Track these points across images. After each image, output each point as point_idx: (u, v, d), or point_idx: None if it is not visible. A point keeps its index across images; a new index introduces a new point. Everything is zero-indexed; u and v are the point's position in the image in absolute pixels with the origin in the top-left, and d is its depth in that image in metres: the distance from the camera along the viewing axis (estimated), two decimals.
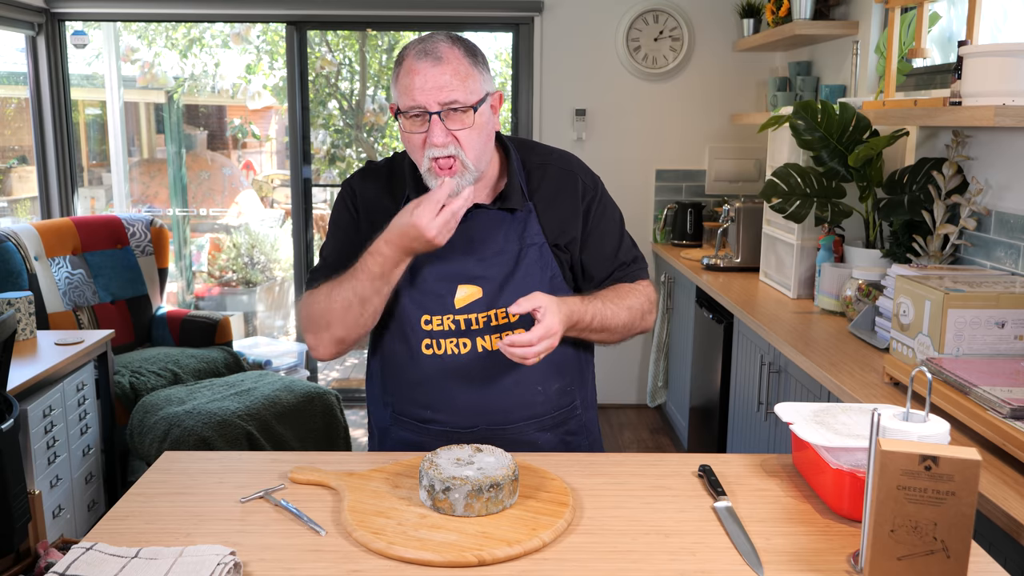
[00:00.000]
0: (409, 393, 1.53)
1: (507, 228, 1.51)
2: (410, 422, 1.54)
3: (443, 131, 1.39)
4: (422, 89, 1.38)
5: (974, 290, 1.79)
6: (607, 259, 1.59)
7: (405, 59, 1.42)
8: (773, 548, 1.14)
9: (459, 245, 1.48)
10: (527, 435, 1.53)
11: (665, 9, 4.14)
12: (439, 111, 1.38)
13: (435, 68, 1.39)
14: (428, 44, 1.41)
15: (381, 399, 1.60)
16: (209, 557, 1.05)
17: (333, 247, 1.57)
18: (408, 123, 1.41)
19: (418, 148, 1.43)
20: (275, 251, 5.54)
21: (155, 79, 5.21)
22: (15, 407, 1.17)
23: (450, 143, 1.40)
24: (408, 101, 1.40)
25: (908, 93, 2.76)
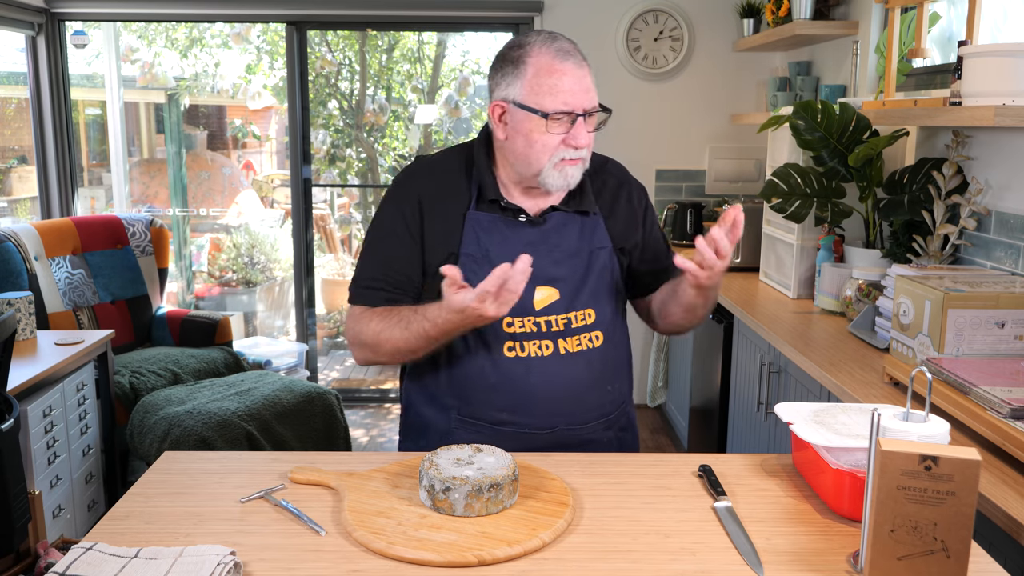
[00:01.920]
0: (485, 396, 1.50)
1: (579, 231, 1.53)
2: (483, 424, 1.52)
3: (585, 132, 1.43)
4: (572, 91, 1.41)
5: (974, 290, 1.79)
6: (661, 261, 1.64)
7: (540, 56, 1.42)
8: (773, 548, 1.14)
9: (536, 246, 1.49)
10: (597, 433, 1.55)
11: (665, 9, 4.14)
12: (585, 115, 1.42)
13: (580, 70, 1.43)
14: (562, 43, 1.44)
15: (442, 401, 1.55)
16: (209, 557, 1.05)
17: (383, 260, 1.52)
18: (552, 124, 1.42)
19: (549, 148, 1.43)
20: (275, 251, 5.54)
21: (155, 79, 5.21)
22: (15, 407, 1.17)
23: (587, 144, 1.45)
24: (558, 103, 1.41)
25: (908, 93, 2.76)
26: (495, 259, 1.45)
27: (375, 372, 5.28)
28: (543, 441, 1.51)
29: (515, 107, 1.44)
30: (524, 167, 1.47)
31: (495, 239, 1.49)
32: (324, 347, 5.56)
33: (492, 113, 1.49)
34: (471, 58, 5.33)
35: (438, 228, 1.50)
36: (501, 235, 1.50)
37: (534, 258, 1.47)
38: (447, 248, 1.50)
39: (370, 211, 5.67)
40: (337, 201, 5.99)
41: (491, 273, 1.28)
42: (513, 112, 1.45)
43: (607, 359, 1.54)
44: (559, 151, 1.43)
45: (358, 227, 5.89)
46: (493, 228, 1.50)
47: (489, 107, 1.50)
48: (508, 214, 1.51)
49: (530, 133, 1.43)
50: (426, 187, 1.53)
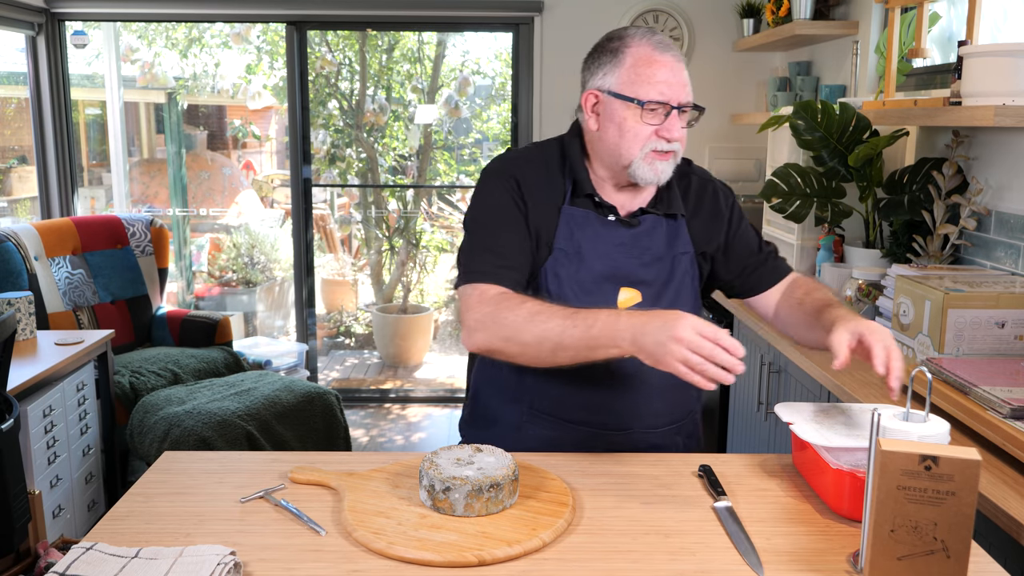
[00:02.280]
0: (563, 393, 1.50)
1: (665, 234, 1.53)
2: (556, 421, 1.51)
3: (679, 126, 1.44)
4: (669, 83, 1.42)
5: (974, 290, 1.79)
6: (754, 254, 1.62)
7: (639, 46, 1.44)
8: (773, 548, 1.14)
9: (627, 247, 1.49)
10: (667, 438, 1.55)
11: (665, 9, 4.14)
12: (680, 108, 1.43)
13: (679, 64, 1.45)
14: (661, 37, 1.46)
15: (514, 394, 1.54)
16: (209, 557, 1.05)
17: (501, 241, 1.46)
18: (646, 114, 1.42)
19: (642, 138, 1.43)
20: (275, 251, 5.54)
21: (155, 79, 5.21)
22: (15, 407, 1.17)
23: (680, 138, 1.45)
24: (654, 93, 1.41)
25: (908, 93, 2.76)
26: (586, 256, 1.46)
27: (375, 372, 5.28)
28: (615, 442, 1.51)
29: (610, 96, 1.44)
30: (615, 158, 1.47)
31: (587, 235, 1.48)
32: (324, 347, 5.56)
33: (585, 103, 1.49)
34: (471, 58, 5.33)
35: (537, 218, 1.48)
36: (594, 232, 1.49)
37: (622, 259, 1.48)
38: (544, 240, 1.48)
39: (370, 211, 5.67)
40: (337, 201, 5.99)
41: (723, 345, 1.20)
42: (607, 101, 1.45)
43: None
44: (650, 142, 1.43)
45: (358, 227, 5.89)
46: (587, 224, 1.49)
47: (582, 97, 1.50)
48: (601, 211, 1.50)
49: (624, 122, 1.43)
50: (525, 176, 1.50)
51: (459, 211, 5.81)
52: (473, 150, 5.65)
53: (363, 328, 5.66)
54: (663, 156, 1.45)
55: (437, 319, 5.66)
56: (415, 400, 4.75)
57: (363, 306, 5.75)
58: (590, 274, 1.47)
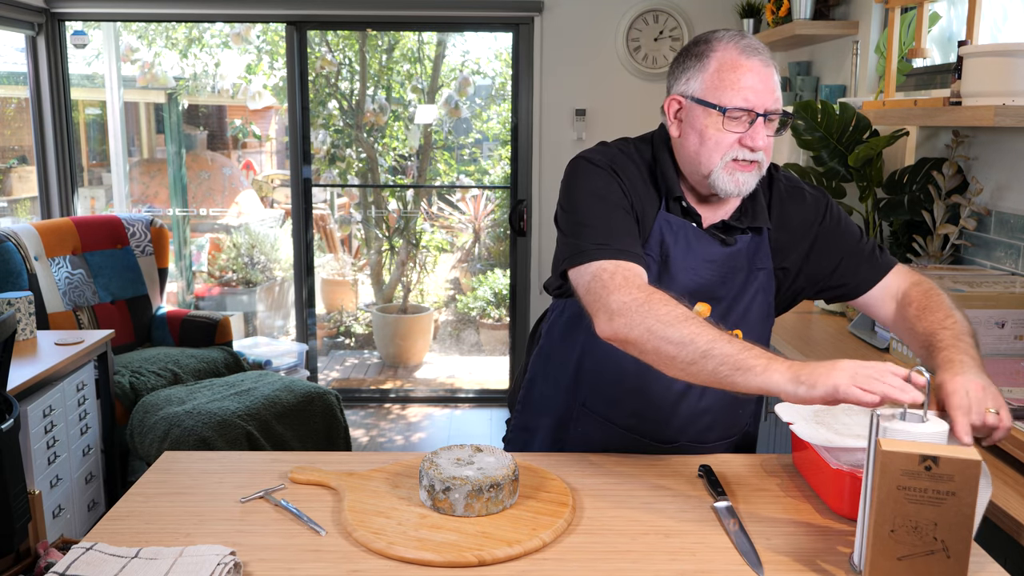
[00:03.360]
0: (619, 397, 1.47)
1: (747, 248, 1.46)
2: (606, 423, 1.50)
3: (763, 134, 1.36)
4: (755, 89, 1.34)
5: (974, 290, 1.79)
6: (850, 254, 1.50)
7: (725, 51, 1.36)
8: (773, 548, 1.14)
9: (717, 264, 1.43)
10: (717, 451, 1.52)
11: (665, 9, 4.14)
12: (765, 115, 1.35)
13: (767, 70, 1.36)
14: (750, 41, 1.38)
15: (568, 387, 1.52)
16: (209, 557, 1.05)
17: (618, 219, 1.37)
18: (728, 121, 1.35)
19: (723, 146, 1.36)
20: (275, 251, 5.54)
21: (155, 79, 5.21)
22: (15, 407, 1.17)
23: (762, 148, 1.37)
24: (739, 101, 1.34)
25: (908, 93, 2.76)
26: (672, 265, 1.40)
27: (375, 372, 5.28)
28: (660, 451, 1.49)
29: (692, 102, 1.38)
30: (694, 167, 1.40)
31: (680, 246, 1.42)
32: (324, 347, 5.56)
33: (667, 108, 1.43)
34: (471, 58, 5.33)
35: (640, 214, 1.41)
36: (686, 244, 1.43)
37: (708, 275, 1.42)
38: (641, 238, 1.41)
39: (370, 211, 5.67)
40: (337, 201, 5.99)
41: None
42: (690, 108, 1.39)
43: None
44: (732, 151, 1.36)
45: (358, 227, 5.89)
46: (680, 234, 1.42)
47: (665, 102, 1.44)
48: (689, 219, 1.44)
49: (705, 129, 1.37)
50: (627, 173, 1.43)
51: (459, 211, 5.81)
52: (473, 150, 5.65)
53: (363, 328, 5.66)
54: (745, 167, 1.37)
55: (437, 319, 5.66)
56: (415, 400, 4.75)
57: (363, 306, 5.75)
58: (675, 285, 1.40)
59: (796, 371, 1.11)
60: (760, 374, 1.13)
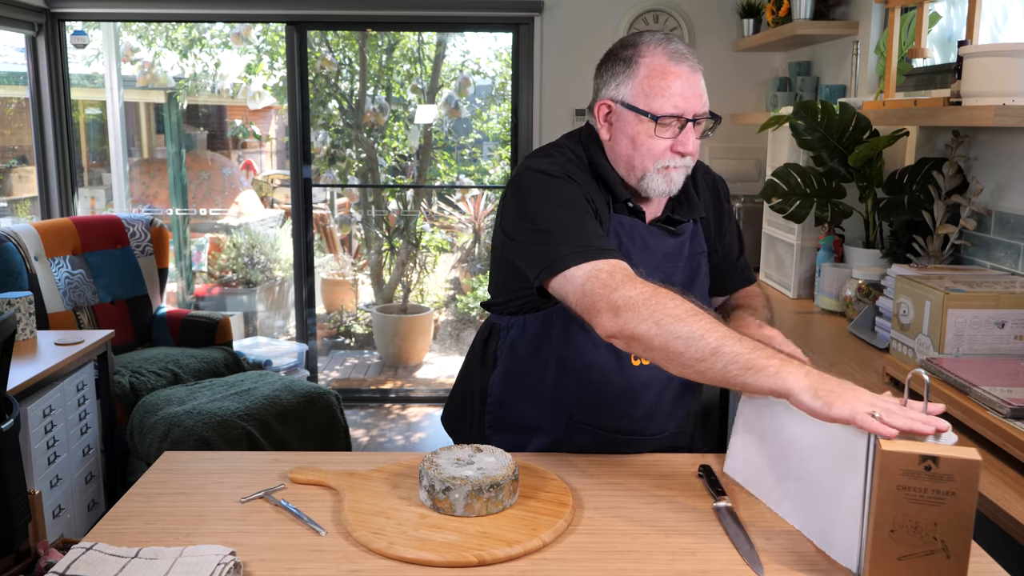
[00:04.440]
0: (607, 403, 1.48)
1: (689, 238, 1.51)
2: (598, 431, 1.50)
3: (693, 139, 1.39)
4: (684, 95, 1.37)
5: (974, 290, 1.79)
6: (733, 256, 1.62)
7: (653, 56, 1.38)
8: (773, 548, 1.14)
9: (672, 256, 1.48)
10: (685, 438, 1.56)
11: (665, 9, 4.14)
12: (695, 120, 1.38)
13: (694, 75, 1.39)
14: (677, 46, 1.40)
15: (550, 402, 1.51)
16: (209, 557, 1.05)
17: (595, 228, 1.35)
18: (660, 128, 1.37)
19: (656, 153, 1.38)
20: (275, 251, 5.54)
21: (155, 79, 5.21)
22: (15, 407, 1.17)
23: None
24: (668, 107, 1.36)
25: (908, 93, 2.76)
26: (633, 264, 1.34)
27: (375, 372, 5.28)
28: (652, 446, 1.52)
29: (623, 107, 1.40)
30: (626, 170, 1.43)
31: (637, 244, 1.45)
32: (324, 347, 5.56)
33: (597, 112, 1.45)
34: (471, 58, 5.33)
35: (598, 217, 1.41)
36: (643, 242, 1.46)
37: (667, 268, 1.46)
38: None
39: (370, 211, 5.67)
40: (337, 201, 5.99)
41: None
42: (620, 113, 1.41)
43: None
44: (665, 157, 1.39)
45: (358, 227, 5.89)
46: (635, 233, 1.46)
47: (595, 106, 1.45)
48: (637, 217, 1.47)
49: (637, 136, 1.39)
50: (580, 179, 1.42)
51: (459, 211, 5.81)
52: (473, 150, 5.65)
53: (363, 328, 5.66)
54: (676, 168, 1.42)
55: (437, 319, 5.66)
56: (415, 400, 4.75)
57: (363, 306, 5.75)
58: None
59: (815, 383, 1.08)
60: (773, 375, 1.10)
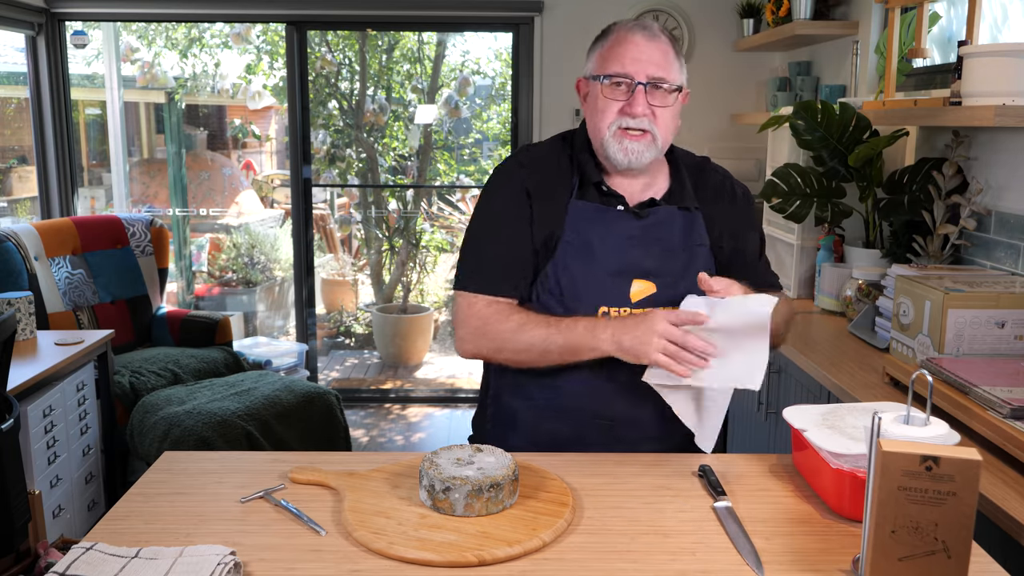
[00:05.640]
0: (580, 388, 1.50)
1: (680, 227, 1.52)
2: (574, 415, 1.51)
3: (645, 102, 1.43)
4: (635, 59, 1.43)
5: (974, 290, 1.79)
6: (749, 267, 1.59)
7: (616, 31, 1.48)
8: (773, 548, 1.14)
9: (637, 240, 1.49)
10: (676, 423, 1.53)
11: (665, 9, 4.14)
12: (645, 83, 1.43)
13: (649, 43, 1.45)
14: (647, 23, 1.50)
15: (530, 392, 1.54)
16: (209, 557, 1.05)
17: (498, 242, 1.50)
18: (608, 89, 1.45)
19: (609, 115, 1.45)
20: (275, 251, 5.54)
21: (155, 79, 5.21)
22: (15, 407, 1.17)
23: (647, 116, 1.44)
24: (616, 67, 1.44)
25: (908, 93, 2.76)
26: (596, 249, 1.47)
27: (375, 372, 5.28)
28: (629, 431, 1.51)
29: (589, 80, 1.49)
30: (595, 141, 1.49)
31: (597, 231, 1.49)
32: (324, 347, 5.56)
33: (578, 92, 1.54)
34: (471, 58, 5.33)
35: (546, 213, 1.49)
36: (604, 226, 1.49)
37: (632, 252, 1.49)
38: (554, 236, 1.48)
39: (370, 211, 5.67)
40: (337, 201, 5.99)
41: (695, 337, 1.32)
42: (588, 86, 1.50)
43: None
44: (617, 119, 1.44)
45: (358, 227, 5.89)
46: (596, 219, 1.49)
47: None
48: (609, 201, 1.51)
49: (595, 101, 1.47)
50: (532, 174, 1.52)
51: (459, 211, 5.81)
52: (473, 150, 5.65)
53: (363, 328, 5.66)
54: (634, 136, 1.45)
55: (437, 319, 5.66)
56: (415, 400, 4.75)
57: (363, 306, 5.75)
58: (601, 268, 1.47)
59: (618, 339, 1.36)
60: (592, 349, 1.38)
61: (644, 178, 1.53)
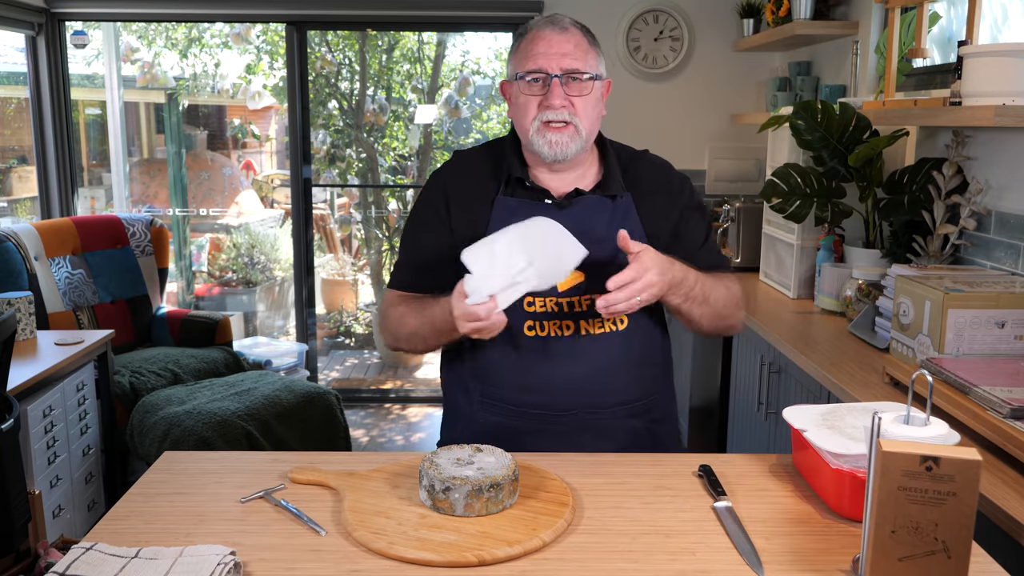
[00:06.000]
0: (506, 376, 1.52)
1: (608, 216, 1.54)
2: (503, 405, 1.53)
3: (562, 94, 1.47)
4: (546, 54, 1.48)
5: (974, 290, 1.79)
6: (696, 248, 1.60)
7: (529, 30, 1.52)
8: (773, 548, 1.14)
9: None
10: (618, 420, 1.55)
11: (665, 9, 4.14)
12: (560, 75, 1.47)
13: (560, 36, 1.49)
14: (554, 17, 1.54)
15: (466, 384, 1.57)
16: (209, 557, 1.05)
17: (415, 246, 1.59)
18: (526, 87, 1.49)
19: (531, 111, 1.49)
20: (275, 251, 5.54)
21: (155, 79, 5.21)
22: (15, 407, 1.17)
23: (566, 108, 1.48)
24: (531, 64, 1.48)
25: (908, 93, 2.76)
26: None
27: (375, 372, 5.28)
28: (563, 424, 1.51)
29: (510, 82, 1.55)
30: (523, 138, 1.53)
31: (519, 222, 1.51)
32: (324, 347, 5.56)
33: (504, 95, 1.59)
34: (471, 58, 5.33)
35: (467, 214, 1.54)
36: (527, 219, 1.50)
37: None
38: (476, 232, 1.50)
39: (370, 211, 5.67)
40: (337, 201, 5.99)
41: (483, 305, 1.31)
42: (509, 87, 1.55)
43: (632, 344, 1.54)
44: (540, 113, 1.48)
45: (358, 227, 5.89)
46: (521, 213, 1.50)
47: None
48: (535, 196, 1.54)
49: (517, 100, 1.52)
50: (456, 176, 1.59)
51: None
52: None
53: (363, 328, 5.66)
54: (556, 128, 1.48)
55: None
56: (415, 400, 4.75)
57: (363, 306, 5.75)
58: None
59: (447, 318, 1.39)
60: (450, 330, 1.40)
61: (574, 172, 1.57)
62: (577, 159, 1.54)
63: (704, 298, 1.51)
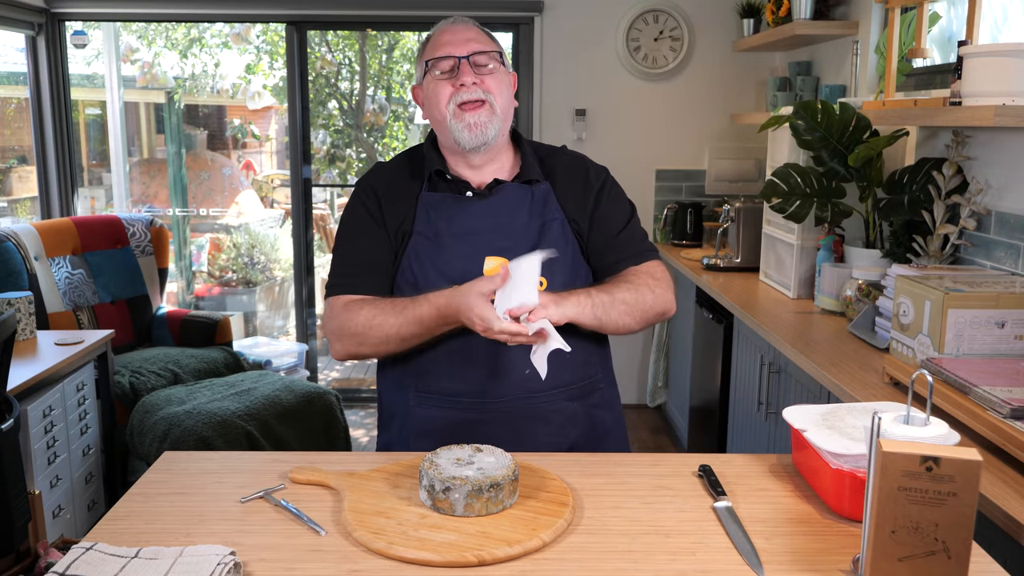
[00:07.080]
0: (437, 368, 1.54)
1: (529, 203, 1.57)
2: (438, 397, 1.54)
3: (472, 72, 1.53)
4: (451, 42, 1.55)
5: (974, 290, 1.79)
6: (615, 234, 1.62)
7: (433, 33, 1.60)
8: (773, 548, 1.14)
9: (484, 219, 1.55)
10: (556, 404, 1.55)
11: (665, 9, 4.14)
12: (467, 56, 1.53)
13: (462, 26, 1.59)
14: (458, 17, 1.64)
15: (400, 381, 1.59)
16: (209, 557, 1.05)
17: (354, 250, 1.59)
18: (437, 75, 1.55)
19: (445, 98, 1.53)
20: (275, 251, 5.54)
21: (155, 79, 5.21)
22: (15, 407, 1.17)
23: (478, 85, 1.53)
24: (439, 52, 1.54)
25: (908, 93, 2.76)
26: (444, 235, 1.54)
27: (376, 372, 5.28)
28: (500, 412, 1.52)
29: (421, 80, 1.60)
30: (441, 130, 1.57)
31: (443, 216, 1.56)
32: (324, 347, 5.55)
33: (416, 101, 1.64)
34: None
35: (395, 212, 1.57)
36: (449, 212, 1.56)
37: (481, 231, 1.54)
38: (403, 229, 1.56)
39: None
40: (337, 201, 5.99)
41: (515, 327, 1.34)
42: (421, 86, 1.61)
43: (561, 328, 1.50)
44: (453, 96, 1.53)
45: None
46: (442, 206, 1.56)
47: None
48: (457, 188, 1.58)
49: (429, 91, 1.57)
50: (382, 178, 1.63)
51: None
52: None
53: None
54: (472, 107, 1.52)
55: None
56: None
57: None
58: (451, 252, 1.53)
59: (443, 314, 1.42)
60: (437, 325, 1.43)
61: (493, 164, 1.60)
62: (495, 150, 1.58)
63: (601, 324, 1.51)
